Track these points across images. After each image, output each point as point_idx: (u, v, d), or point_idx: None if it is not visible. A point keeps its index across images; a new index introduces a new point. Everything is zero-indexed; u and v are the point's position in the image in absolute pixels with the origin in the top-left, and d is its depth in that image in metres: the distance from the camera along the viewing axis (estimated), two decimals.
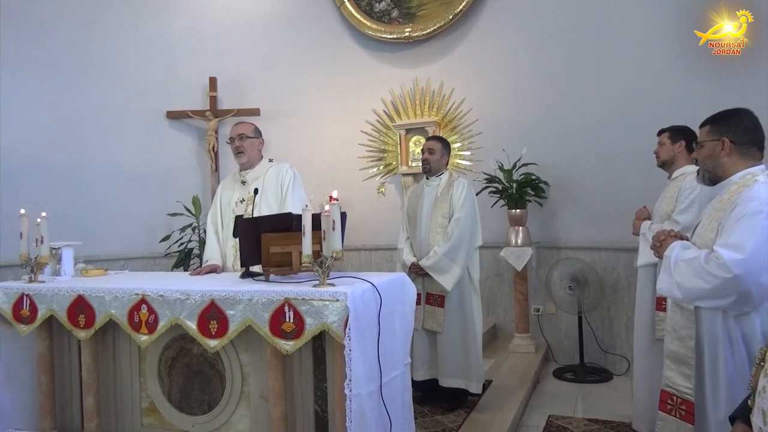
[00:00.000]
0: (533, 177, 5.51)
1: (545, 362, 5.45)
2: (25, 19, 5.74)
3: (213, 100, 6.60)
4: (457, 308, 3.96)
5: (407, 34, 6.32)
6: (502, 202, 5.58)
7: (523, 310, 5.58)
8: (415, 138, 6.23)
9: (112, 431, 3.13)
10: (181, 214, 6.16)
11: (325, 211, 2.49)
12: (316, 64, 6.62)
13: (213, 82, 6.61)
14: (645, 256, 3.54)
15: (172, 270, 5.99)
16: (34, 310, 3.11)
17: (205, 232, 6.10)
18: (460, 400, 3.98)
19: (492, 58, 6.06)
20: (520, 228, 5.49)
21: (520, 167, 5.52)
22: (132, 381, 3.14)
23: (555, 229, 5.78)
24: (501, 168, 5.54)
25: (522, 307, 5.57)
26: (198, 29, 6.65)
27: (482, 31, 6.15)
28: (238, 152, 3.69)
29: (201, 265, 5.53)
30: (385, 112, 6.38)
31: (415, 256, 4.06)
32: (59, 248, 3.35)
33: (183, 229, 6.11)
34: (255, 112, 6.33)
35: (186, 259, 6.08)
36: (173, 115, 6.59)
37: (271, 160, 3.78)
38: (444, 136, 5.59)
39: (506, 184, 5.49)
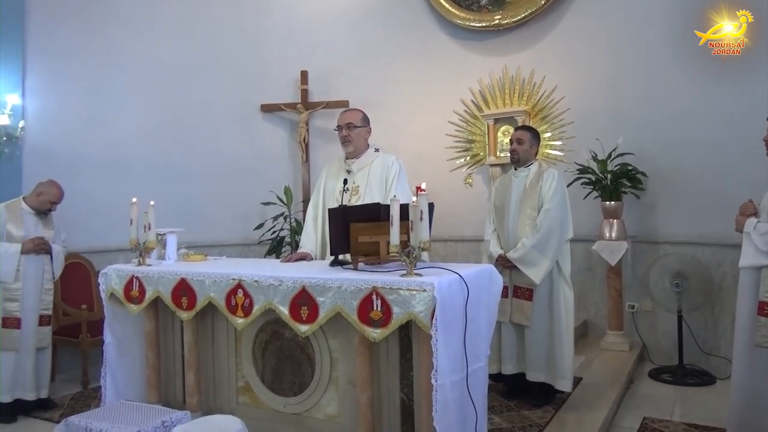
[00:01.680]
0: (630, 167, 5.26)
1: (640, 362, 5.21)
2: (137, 20, 6.15)
3: (304, 93, 6.80)
4: (546, 302, 3.87)
5: (497, 21, 6.19)
6: (595, 193, 5.37)
7: (617, 307, 5.35)
8: (503, 128, 6.11)
9: (211, 407, 3.33)
10: (274, 204, 6.41)
11: (413, 202, 2.51)
12: (404, 55, 6.64)
13: (304, 75, 6.80)
14: (748, 257, 3.26)
15: (264, 257, 6.25)
16: (142, 291, 3.35)
17: (295, 220, 6.39)
18: (548, 397, 3.88)
19: (586, 44, 5.82)
20: (615, 221, 5.26)
21: (615, 157, 5.28)
22: (229, 361, 3.32)
23: (653, 222, 5.48)
24: (594, 158, 5.32)
25: (615, 303, 5.35)
26: (291, 25, 6.87)
27: (575, 15, 5.92)
28: (344, 141, 3.67)
29: (292, 251, 5.76)
30: (473, 101, 6.30)
31: (502, 248, 3.99)
32: (164, 234, 3.59)
33: (275, 218, 6.36)
34: (344, 104, 6.45)
35: (278, 247, 6.32)
36: (267, 108, 6.85)
37: (377, 150, 3.74)
38: (534, 126, 5.44)
39: (600, 175, 5.27)
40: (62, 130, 5.63)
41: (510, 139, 4.23)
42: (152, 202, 3.47)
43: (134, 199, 3.46)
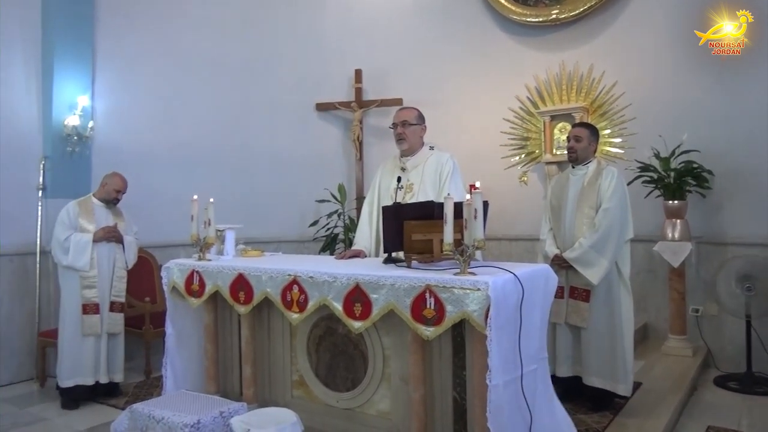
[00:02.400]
0: (695, 165, 5.04)
1: (704, 368, 4.99)
2: (200, 23, 6.36)
3: (358, 91, 6.85)
4: (604, 304, 3.76)
5: (554, 16, 6.06)
6: (657, 192, 5.18)
7: (679, 310, 5.14)
8: (560, 125, 5.97)
9: (267, 399, 3.41)
10: (328, 201, 6.49)
11: (467, 200, 2.49)
12: (458, 52, 6.59)
13: (358, 74, 6.85)
14: None
15: (319, 253, 6.34)
16: (202, 285, 3.46)
17: (349, 218, 6.46)
18: (605, 401, 3.78)
19: (647, 38, 5.63)
20: (678, 221, 5.06)
21: (679, 155, 5.07)
22: (284, 355, 3.39)
23: (720, 222, 5.24)
24: (657, 156, 5.13)
25: (678, 306, 5.14)
26: (347, 24, 6.94)
27: (638, 7, 5.72)
28: (399, 139, 3.68)
29: (346, 248, 5.83)
30: (528, 98, 6.19)
31: (558, 247, 3.90)
32: (223, 230, 3.69)
33: (329, 215, 6.45)
34: (397, 102, 6.46)
35: (332, 244, 6.41)
36: (322, 107, 6.95)
37: (432, 148, 3.73)
38: (592, 123, 5.29)
39: (663, 173, 5.08)
40: (129, 129, 5.89)
41: (567, 137, 4.14)
42: (212, 199, 3.58)
43: (195, 196, 3.58)
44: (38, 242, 5.08)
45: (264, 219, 6.47)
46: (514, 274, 2.54)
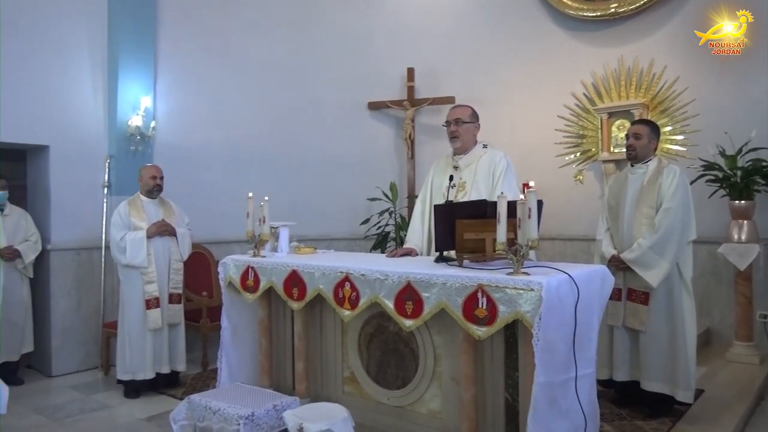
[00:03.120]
0: (764, 163, 4.79)
1: None
2: (254, 25, 6.51)
3: (410, 89, 6.85)
4: (664, 307, 3.62)
5: (612, 10, 5.88)
6: (722, 192, 4.95)
7: (746, 316, 4.91)
8: (618, 122, 5.80)
9: (318, 394, 3.45)
10: (380, 200, 6.52)
11: (521, 199, 2.45)
12: (512, 48, 6.49)
13: (411, 72, 6.85)
14: None
15: (370, 251, 6.38)
16: (257, 281, 3.54)
17: (400, 216, 6.46)
18: (664, 407, 3.64)
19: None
20: (745, 222, 4.82)
21: (746, 152, 4.84)
22: (335, 351, 3.42)
23: None
24: (722, 153, 4.91)
25: (744, 311, 4.91)
26: (399, 22, 6.95)
27: (700, 1, 5.47)
28: (452, 137, 3.66)
29: (397, 246, 5.83)
30: (585, 95, 6.03)
31: (615, 248, 3.79)
32: (278, 228, 3.76)
33: (381, 214, 6.47)
34: (450, 100, 6.42)
35: (383, 242, 6.43)
36: (374, 106, 6.98)
37: (485, 146, 3.69)
38: (653, 120, 5.11)
39: (728, 171, 4.86)
40: (187, 128, 6.09)
41: (626, 134, 4.01)
42: (266, 197, 3.65)
43: (250, 194, 3.66)
44: (103, 237, 5.31)
45: (316, 217, 6.56)
46: (569, 275, 2.49)
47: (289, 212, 4.71)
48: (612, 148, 5.78)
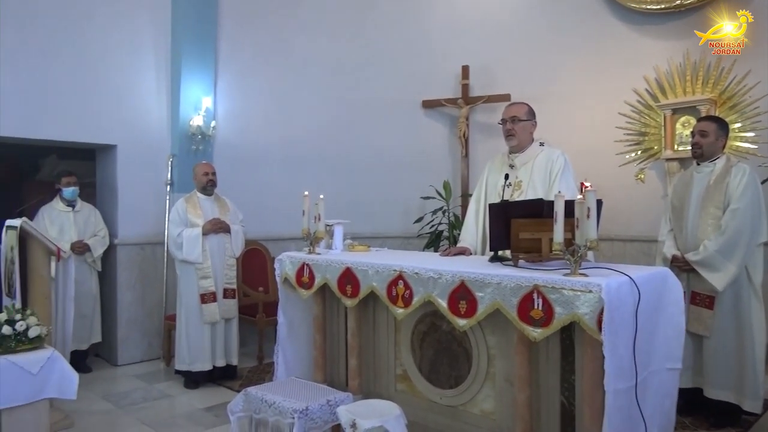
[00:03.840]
0: None
1: None
2: (310, 26, 6.61)
3: (465, 87, 6.79)
4: (731, 312, 3.47)
5: (678, 2, 5.64)
6: None
7: None
8: (683, 119, 5.57)
9: (371, 391, 3.48)
10: (433, 198, 6.51)
11: (580, 198, 2.40)
12: (570, 44, 6.33)
13: (465, 70, 6.79)
14: None
15: (423, 250, 6.37)
16: (312, 277, 3.60)
17: (454, 215, 6.43)
18: (730, 417, 3.49)
19: None
20: None
21: None
22: (388, 348, 3.44)
23: None
24: None
25: None
26: (453, 19, 6.90)
27: None
28: (508, 135, 3.59)
29: (450, 245, 5.80)
30: (647, 91, 5.82)
31: (678, 249, 3.65)
32: (332, 225, 3.82)
33: (434, 212, 6.46)
34: (505, 98, 6.33)
35: (436, 241, 6.42)
36: (428, 104, 6.96)
37: (542, 144, 3.62)
38: (720, 116, 4.88)
39: None
40: (245, 128, 6.25)
41: (692, 131, 3.86)
42: (322, 196, 3.70)
43: (306, 192, 3.72)
44: (165, 233, 5.52)
45: (370, 215, 6.61)
46: (630, 277, 2.41)
47: (343, 210, 4.76)
48: (676, 146, 5.56)
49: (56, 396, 2.84)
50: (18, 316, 2.81)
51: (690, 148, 3.88)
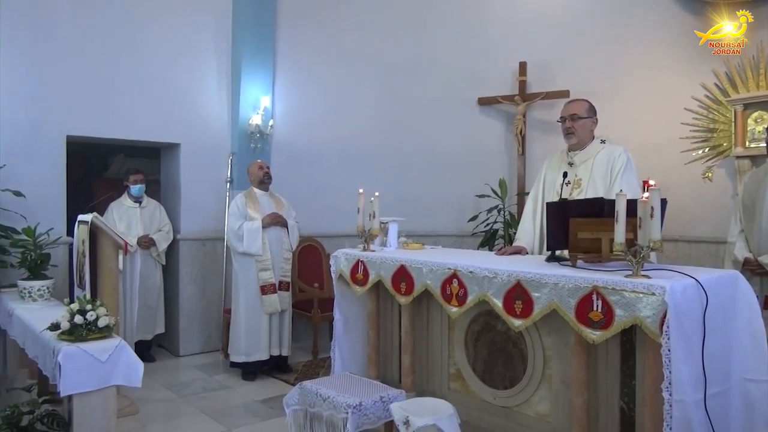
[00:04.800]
0: None
1: None
2: (365, 26, 6.65)
3: (522, 84, 6.67)
4: None
5: None
6: None
7: None
8: (755, 114, 5.28)
9: (424, 389, 3.48)
10: (488, 196, 6.43)
11: (643, 197, 2.31)
12: (633, 37, 6.11)
13: (523, 66, 6.67)
14: None
15: (478, 249, 6.31)
16: (366, 274, 3.62)
17: (509, 214, 6.33)
18: None
19: None
20: None
21: None
22: (442, 347, 3.43)
23: None
24: None
25: None
26: (511, 15, 6.79)
27: None
28: (567, 133, 3.51)
29: (505, 244, 5.72)
30: (717, 85, 5.55)
31: (751, 251, 3.47)
32: (387, 223, 3.83)
33: (489, 211, 6.38)
34: (564, 95, 6.18)
35: (491, 239, 6.34)
36: (484, 102, 6.88)
37: (603, 141, 3.52)
38: None
39: None
40: (302, 126, 6.36)
41: (766, 127, 3.65)
42: (377, 193, 3.72)
43: (361, 190, 3.74)
44: (225, 229, 5.68)
45: (424, 213, 6.60)
46: (696, 280, 2.30)
47: (398, 208, 4.76)
48: (747, 143, 5.28)
49: (123, 383, 2.96)
50: (89, 307, 2.95)
51: (764, 144, 3.67)
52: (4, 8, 4.69)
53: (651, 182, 2.33)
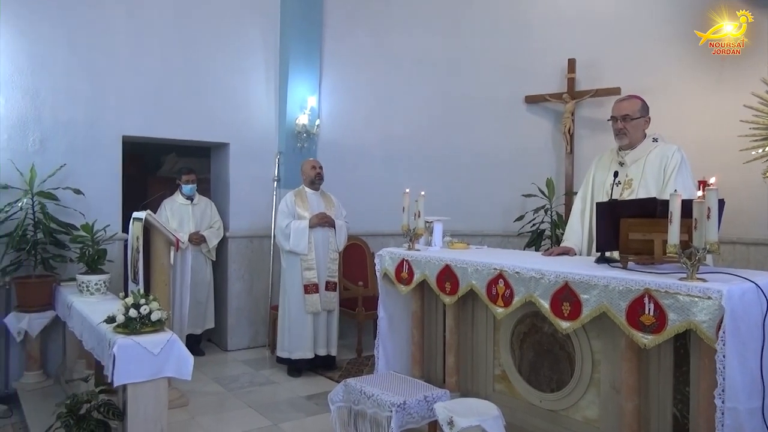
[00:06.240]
0: None
1: None
2: (411, 24, 6.65)
3: (571, 81, 6.53)
4: None
5: None
6: None
7: None
8: None
9: (468, 390, 3.45)
10: (535, 196, 6.33)
11: (699, 197, 2.23)
12: (687, 31, 5.87)
13: (572, 63, 6.53)
14: None
15: (523, 249, 6.22)
16: (411, 273, 3.62)
17: (557, 214, 6.22)
18: None
19: None
20: None
21: None
22: (487, 348, 3.40)
23: None
24: None
25: None
26: (558, 11, 6.67)
27: None
28: (618, 133, 3.43)
29: (552, 245, 5.63)
30: None
31: None
32: (432, 222, 3.82)
33: (536, 211, 6.28)
34: (615, 92, 6.02)
35: (537, 240, 6.24)
36: (531, 100, 6.77)
37: (655, 140, 3.42)
38: None
39: None
40: (347, 126, 6.40)
41: None
42: (423, 192, 3.71)
43: (407, 189, 3.75)
44: (272, 227, 5.78)
45: (469, 212, 6.55)
46: (756, 284, 2.21)
47: (443, 207, 4.75)
48: None
49: (174, 375, 3.05)
50: (142, 301, 3.06)
51: None
52: (66, 16, 4.89)
53: (711, 181, 2.25)
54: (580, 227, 3.59)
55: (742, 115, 5.48)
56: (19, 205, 4.44)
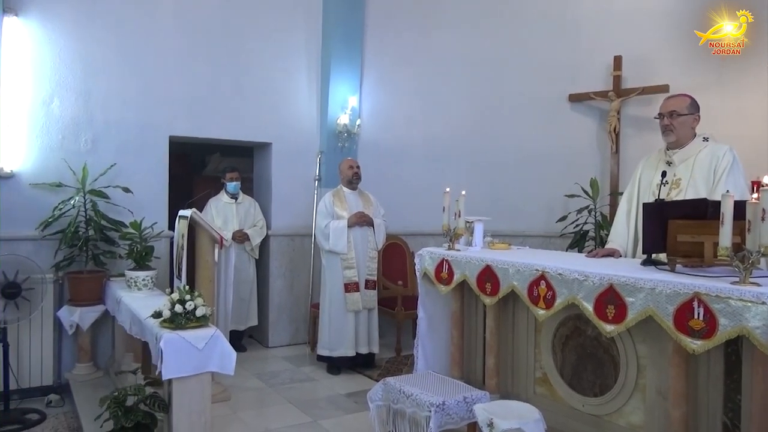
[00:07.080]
0: None
1: None
2: (453, 23, 6.60)
3: (617, 79, 6.37)
4: None
5: None
6: None
7: None
8: None
9: (509, 392, 3.41)
10: (578, 196, 6.19)
11: (753, 198, 2.14)
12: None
13: (618, 60, 6.37)
14: None
15: (566, 250, 6.10)
16: (450, 273, 3.60)
17: (601, 214, 6.08)
18: None
19: None
20: None
21: None
22: (528, 350, 3.35)
23: None
24: None
25: None
26: (603, 8, 6.50)
27: None
28: (665, 130, 3.34)
29: (596, 246, 5.50)
30: None
31: None
32: (473, 222, 3.79)
33: (579, 211, 6.15)
34: (663, 90, 5.84)
35: (581, 241, 6.11)
36: (575, 98, 6.64)
37: (706, 139, 3.32)
38: None
39: None
40: (388, 125, 6.41)
41: None
42: (463, 192, 3.69)
43: (447, 189, 3.73)
44: (313, 226, 5.84)
45: (511, 212, 6.46)
46: None
47: (484, 207, 4.70)
48: None
49: (217, 370, 3.12)
50: (187, 297, 3.14)
51: None
52: (117, 21, 5.06)
53: (765, 181, 2.16)
54: (625, 228, 3.50)
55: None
56: (72, 202, 4.61)
